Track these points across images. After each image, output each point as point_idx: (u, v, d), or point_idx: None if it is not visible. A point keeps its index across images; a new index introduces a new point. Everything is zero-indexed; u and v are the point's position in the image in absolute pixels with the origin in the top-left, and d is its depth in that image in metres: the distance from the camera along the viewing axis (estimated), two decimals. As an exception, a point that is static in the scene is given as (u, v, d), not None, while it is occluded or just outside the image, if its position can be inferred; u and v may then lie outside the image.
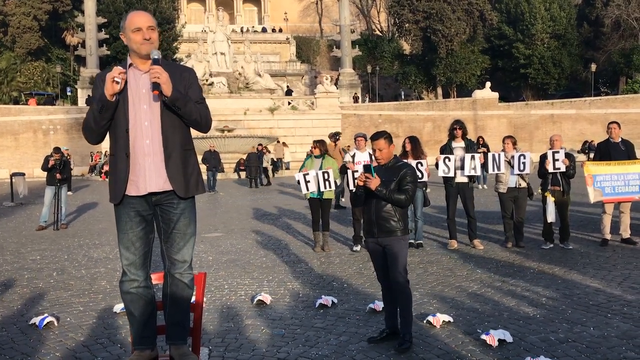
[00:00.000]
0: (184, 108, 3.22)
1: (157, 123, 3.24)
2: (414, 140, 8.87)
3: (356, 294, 6.13)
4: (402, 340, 4.40)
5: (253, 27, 64.50)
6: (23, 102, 41.85)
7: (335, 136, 14.85)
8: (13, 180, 18.43)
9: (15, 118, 36.02)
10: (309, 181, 8.59)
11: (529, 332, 4.73)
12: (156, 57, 3.21)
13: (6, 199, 18.57)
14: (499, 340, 4.42)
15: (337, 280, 6.77)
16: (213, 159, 22.28)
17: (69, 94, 44.38)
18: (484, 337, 4.50)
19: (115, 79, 3.15)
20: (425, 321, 4.99)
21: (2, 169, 33.88)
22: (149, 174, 3.24)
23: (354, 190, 4.86)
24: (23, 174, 19.18)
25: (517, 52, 48.21)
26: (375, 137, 4.68)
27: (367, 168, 4.56)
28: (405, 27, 49.58)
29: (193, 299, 3.48)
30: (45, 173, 12.39)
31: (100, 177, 30.91)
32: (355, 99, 45.75)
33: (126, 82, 3.25)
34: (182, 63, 40.13)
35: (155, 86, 3.15)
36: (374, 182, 4.48)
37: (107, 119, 3.24)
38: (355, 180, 4.78)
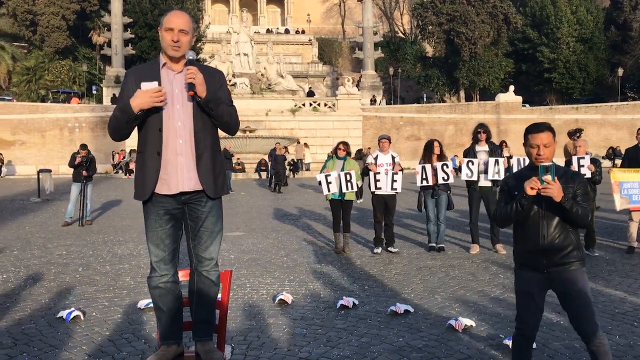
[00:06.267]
0: (217, 110, 3.26)
1: (190, 124, 3.27)
2: (440, 144, 8.94)
3: (377, 296, 6.13)
4: None
5: (277, 28, 64.83)
6: (50, 100, 42.68)
7: (576, 133, 12.19)
8: (40, 176, 18.81)
9: (42, 115, 36.74)
10: (330, 182, 8.62)
11: (552, 338, 4.69)
12: (191, 57, 3.25)
13: (33, 194, 18.95)
14: (522, 345, 4.38)
15: (358, 282, 6.77)
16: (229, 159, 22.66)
17: (94, 92, 45.14)
18: (506, 342, 4.47)
19: (155, 103, 3.17)
20: (447, 325, 4.97)
21: (29, 166, 34.57)
22: (181, 174, 3.27)
23: (518, 201, 3.23)
24: (49, 171, 19.55)
25: (541, 56, 47.65)
26: (537, 129, 3.26)
27: (546, 169, 3.10)
28: (429, 29, 49.39)
29: (219, 296, 3.52)
30: (72, 170, 12.62)
31: (125, 175, 31.33)
32: (373, 101, 45.67)
33: (160, 81, 3.29)
34: (205, 63, 40.55)
35: (191, 87, 3.18)
36: (558, 190, 3.09)
37: (134, 126, 3.28)
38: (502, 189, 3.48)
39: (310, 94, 45.00)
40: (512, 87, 41.71)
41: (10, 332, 4.96)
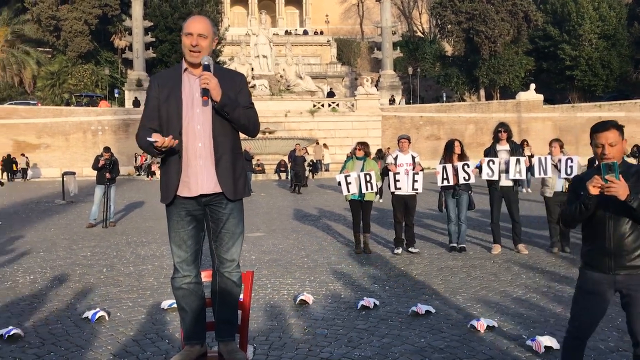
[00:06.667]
0: (233, 113, 3.29)
1: (209, 127, 3.32)
2: (461, 143, 8.90)
3: (398, 296, 6.12)
4: None
5: (296, 29, 65.01)
6: (74, 104, 43.43)
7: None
8: (64, 179, 19.15)
9: (66, 119, 37.38)
10: (350, 183, 8.63)
11: (576, 339, 4.63)
12: (206, 63, 3.29)
13: (58, 197, 19.29)
14: (546, 346, 4.35)
15: (379, 282, 6.77)
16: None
17: (116, 95, 45.81)
18: (529, 343, 4.44)
19: (161, 147, 3.21)
20: (469, 325, 4.95)
21: (54, 168, 35.20)
22: (201, 176, 3.32)
23: (582, 201, 3.13)
24: (74, 173, 19.90)
25: (562, 54, 47.02)
26: (602, 127, 3.17)
27: (609, 167, 3.03)
28: (448, 28, 49.09)
29: (241, 296, 3.56)
30: (95, 172, 12.81)
31: (148, 177, 31.74)
32: (392, 101, 45.48)
33: (181, 86, 3.36)
34: (225, 66, 40.86)
35: (204, 92, 3.23)
36: (623, 188, 2.98)
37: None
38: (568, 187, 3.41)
39: (331, 94, 45.01)
40: (533, 86, 41.22)
41: (38, 332, 5.08)
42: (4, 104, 40.69)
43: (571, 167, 8.28)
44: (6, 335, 4.82)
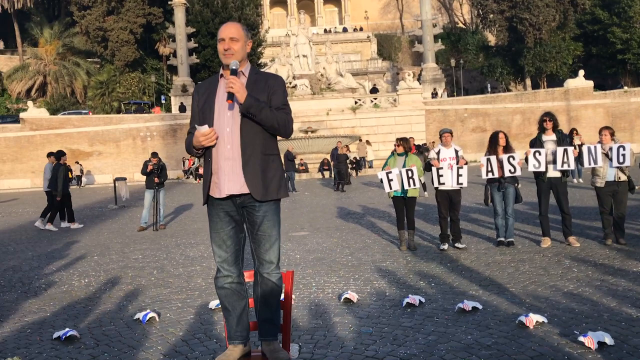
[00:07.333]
0: (259, 115, 3.36)
1: (238, 129, 3.41)
2: (506, 135, 8.70)
3: (444, 293, 6.04)
4: None
5: (335, 27, 64.97)
6: (123, 111, 44.87)
7: None
8: (116, 184, 19.80)
9: (117, 126, 38.64)
10: (391, 179, 8.56)
11: (632, 334, 4.46)
12: (234, 67, 3.41)
13: (110, 202, 19.96)
14: (599, 342, 4.20)
15: (424, 279, 6.70)
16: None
17: (163, 101, 46.98)
18: (581, 339, 4.29)
19: (208, 143, 3.40)
20: (517, 321, 4.83)
21: (106, 175, 36.45)
22: (228, 178, 3.42)
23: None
24: (125, 179, 20.55)
25: (613, 37, 45.20)
26: None
27: None
28: (490, 17, 48.01)
29: (282, 296, 3.60)
30: (145, 177, 13.19)
31: (196, 180, 32.45)
32: (434, 95, 44.78)
33: (217, 91, 3.49)
34: (266, 67, 41.35)
35: (229, 95, 3.35)
36: None
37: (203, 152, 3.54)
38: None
39: (374, 90, 44.73)
40: (581, 72, 39.80)
41: (92, 333, 5.27)
42: (57, 114, 42.42)
43: (623, 155, 7.96)
44: (63, 337, 5.02)
